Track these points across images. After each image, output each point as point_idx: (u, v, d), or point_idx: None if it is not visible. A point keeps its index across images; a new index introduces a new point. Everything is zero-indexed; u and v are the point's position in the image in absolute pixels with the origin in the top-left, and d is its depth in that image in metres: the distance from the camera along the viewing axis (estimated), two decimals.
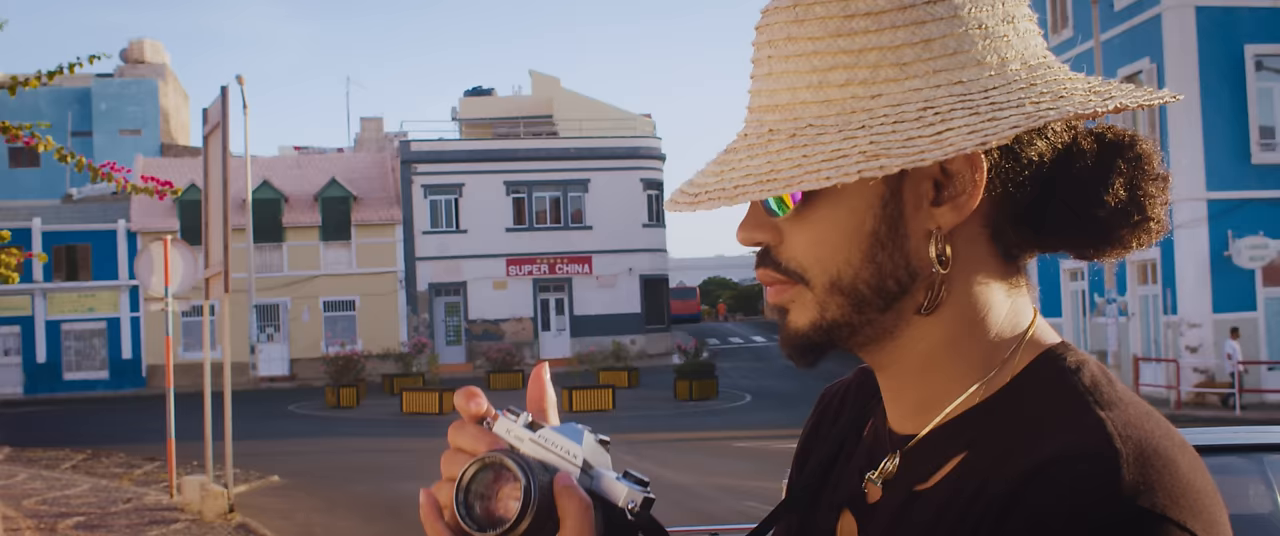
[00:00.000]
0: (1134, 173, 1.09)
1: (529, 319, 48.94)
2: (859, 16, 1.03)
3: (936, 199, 1.06)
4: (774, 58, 1.08)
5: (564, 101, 56.97)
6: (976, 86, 1.03)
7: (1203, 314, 26.29)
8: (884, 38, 1.03)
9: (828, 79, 1.04)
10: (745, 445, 20.83)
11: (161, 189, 9.06)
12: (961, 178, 1.05)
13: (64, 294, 44.69)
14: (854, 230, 1.06)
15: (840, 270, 1.07)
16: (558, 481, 1.08)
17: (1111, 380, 1.06)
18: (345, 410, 31.80)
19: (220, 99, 13.76)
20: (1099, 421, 0.99)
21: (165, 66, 60.55)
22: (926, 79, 1.03)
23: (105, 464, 20.11)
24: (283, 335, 46.58)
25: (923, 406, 1.12)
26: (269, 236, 46.08)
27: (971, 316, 1.09)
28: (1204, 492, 0.96)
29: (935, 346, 1.10)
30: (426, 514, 1.14)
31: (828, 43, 1.04)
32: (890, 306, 1.08)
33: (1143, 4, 27.55)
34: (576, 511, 1.07)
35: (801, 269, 1.09)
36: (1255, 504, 4.69)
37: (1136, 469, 0.94)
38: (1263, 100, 26.85)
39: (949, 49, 1.03)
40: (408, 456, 20.00)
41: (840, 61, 1.04)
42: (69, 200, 48.79)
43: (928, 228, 1.06)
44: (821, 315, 1.09)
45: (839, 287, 1.08)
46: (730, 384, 34.81)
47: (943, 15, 1.03)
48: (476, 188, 48.62)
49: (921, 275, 1.07)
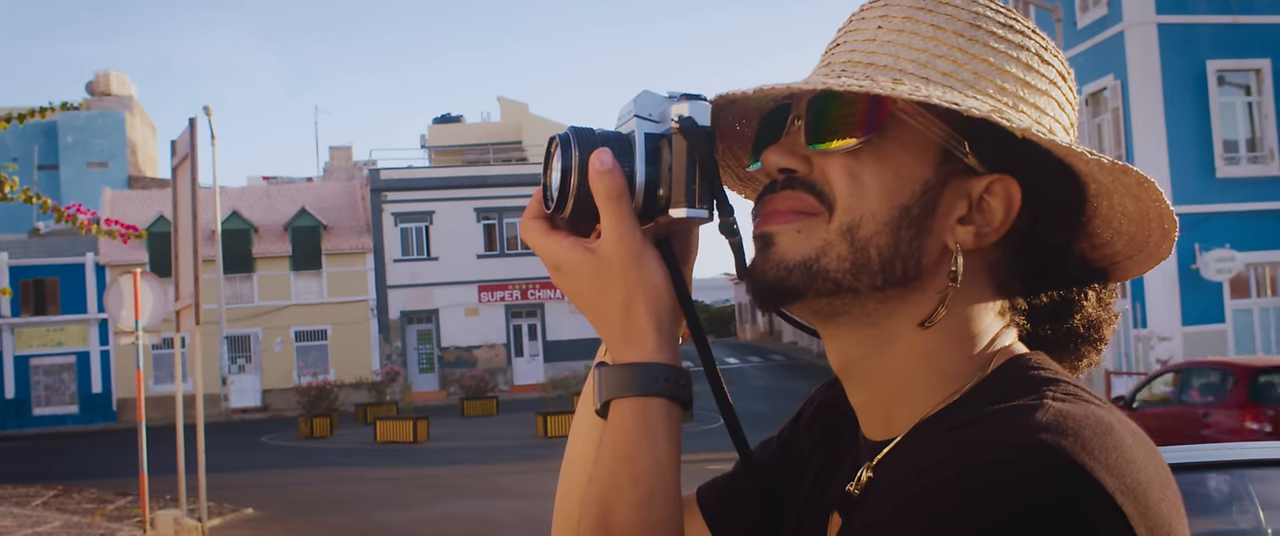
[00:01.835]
0: (1102, 298, 1.18)
1: (502, 345, 48.86)
2: (984, 30, 1.09)
3: (964, 218, 1.08)
4: (884, 29, 1.10)
5: (533, 127, 57.08)
6: (1045, 127, 1.10)
7: (1172, 327, 26.48)
8: (998, 58, 1.08)
9: (934, 63, 1.08)
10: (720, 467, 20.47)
11: (126, 232, 9.02)
12: (992, 211, 1.08)
13: (32, 328, 44.36)
14: (892, 192, 1.07)
15: (865, 217, 1.06)
16: (592, 161, 1.09)
17: (1075, 380, 1.05)
18: (319, 440, 31.62)
19: (188, 130, 13.72)
20: (1046, 402, 0.97)
21: (132, 98, 60.29)
22: (1016, 103, 1.08)
23: (77, 500, 19.90)
24: (254, 366, 46.34)
25: (892, 415, 1.11)
26: (239, 267, 45.89)
27: (959, 336, 1.10)
28: (1137, 464, 0.94)
29: (915, 358, 1.10)
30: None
31: (948, 36, 1.08)
32: (885, 288, 1.08)
33: (1105, 21, 27.83)
34: (603, 191, 1.08)
35: (832, 194, 1.08)
36: (1238, 520, 4.68)
37: (1056, 416, 0.94)
38: (1225, 115, 27.14)
39: (1041, 105, 1.10)
40: (383, 485, 19.88)
41: (951, 55, 1.08)
42: (36, 234, 48.47)
43: (946, 240, 1.08)
44: (820, 254, 1.07)
45: (854, 235, 1.06)
46: (703, 407, 34.75)
47: (1043, 79, 1.11)
48: (447, 215, 48.58)
49: (927, 277, 1.08)
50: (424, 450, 27.05)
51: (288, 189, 51.15)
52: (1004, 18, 1.10)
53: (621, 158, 1.11)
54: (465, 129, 60.15)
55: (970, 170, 1.08)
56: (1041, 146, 1.06)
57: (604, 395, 1.09)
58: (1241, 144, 27.36)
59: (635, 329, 1.09)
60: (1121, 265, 1.19)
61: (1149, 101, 26.61)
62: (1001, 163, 1.08)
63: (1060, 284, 1.14)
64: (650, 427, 1.05)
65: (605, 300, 1.11)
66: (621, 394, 1.07)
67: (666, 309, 1.10)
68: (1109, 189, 1.10)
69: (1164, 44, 26.66)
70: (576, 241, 1.12)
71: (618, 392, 1.08)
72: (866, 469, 1.13)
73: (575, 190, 1.09)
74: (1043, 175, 1.09)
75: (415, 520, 15.92)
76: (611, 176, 1.08)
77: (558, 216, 1.12)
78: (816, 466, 1.28)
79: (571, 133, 1.10)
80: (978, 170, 1.08)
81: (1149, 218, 1.12)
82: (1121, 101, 27.26)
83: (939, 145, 1.08)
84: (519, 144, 56.49)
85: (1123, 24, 27.11)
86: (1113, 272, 1.19)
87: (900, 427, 1.10)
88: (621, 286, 1.09)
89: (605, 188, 1.08)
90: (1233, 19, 26.99)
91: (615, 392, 1.08)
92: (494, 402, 38.23)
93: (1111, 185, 1.10)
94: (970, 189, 1.08)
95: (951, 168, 1.08)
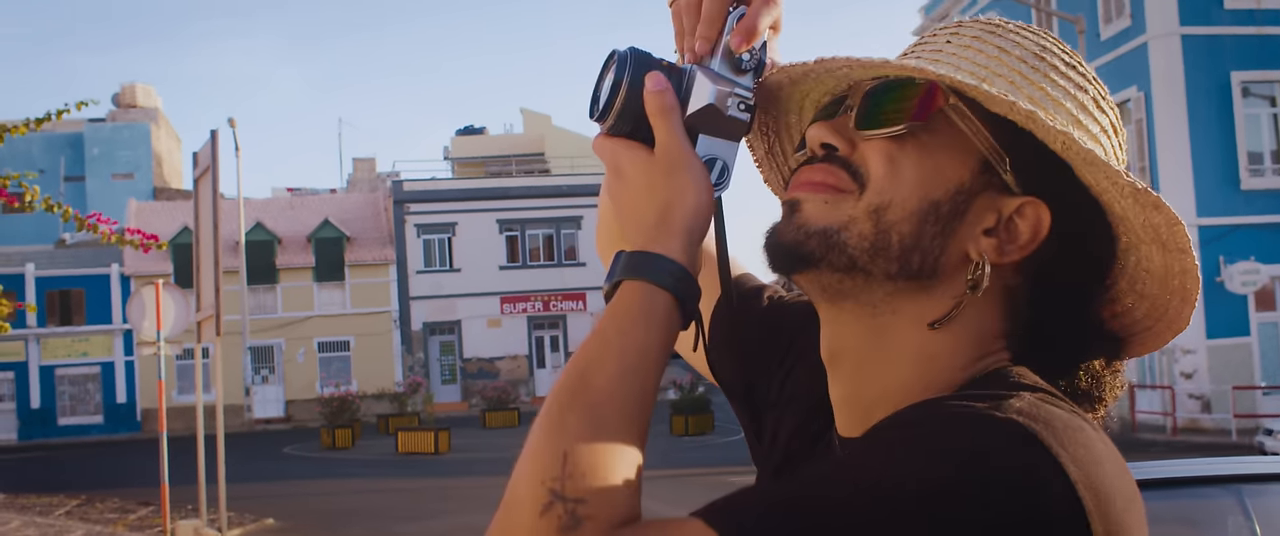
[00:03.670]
0: (1113, 364, 1.19)
1: (524, 356, 48.90)
2: (1048, 63, 1.12)
3: (990, 231, 1.10)
4: (952, 44, 1.14)
5: (556, 139, 57.12)
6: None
7: (1197, 340, 26.32)
8: (1057, 92, 1.11)
9: (993, 79, 1.10)
10: (742, 479, 20.69)
11: (147, 242, 9.07)
12: (1018, 231, 1.10)
13: (57, 339, 44.64)
14: (926, 185, 1.09)
15: (893, 203, 1.09)
16: (646, 81, 1.13)
17: (1054, 393, 1.05)
18: (340, 451, 31.70)
19: (210, 142, 13.79)
20: (1012, 396, 0.99)
21: (157, 110, 60.65)
22: (1071, 128, 1.09)
23: (99, 509, 20.02)
24: (277, 376, 46.51)
25: (869, 412, 1.12)
26: (263, 278, 46.08)
27: (961, 345, 1.11)
28: (1104, 469, 0.95)
29: (913, 359, 1.11)
30: None
31: (1012, 61, 1.11)
32: (894, 280, 1.10)
33: (1129, 33, 27.74)
34: (656, 106, 1.13)
35: (867, 174, 1.10)
36: (1234, 534, 4.70)
37: (1032, 405, 0.97)
38: (1250, 126, 27.01)
39: (1091, 132, 1.12)
40: (404, 497, 19.92)
41: (1011, 76, 1.11)
42: (62, 245, 48.81)
43: (968, 248, 1.10)
44: (843, 226, 1.09)
45: (880, 216, 1.09)
46: (726, 418, 34.73)
47: (1100, 123, 1.14)
48: (469, 226, 48.70)
49: (942, 278, 1.10)
50: (445, 461, 27.08)
51: (311, 200, 51.38)
52: (1069, 58, 1.13)
53: (673, 80, 1.16)
54: (488, 140, 60.27)
55: (1006, 188, 1.10)
56: (1079, 182, 1.09)
57: (618, 275, 1.11)
58: (1266, 156, 27.22)
59: (667, 228, 1.11)
60: (1139, 336, 1.19)
61: (1173, 113, 26.50)
62: (1037, 187, 1.09)
63: (1071, 342, 1.15)
64: (650, 314, 1.06)
65: (648, 200, 1.14)
66: (635, 276, 1.09)
67: (700, 220, 1.13)
68: (1137, 242, 1.12)
69: (1188, 55, 26.56)
70: (639, 145, 1.16)
71: (630, 274, 1.09)
72: None
73: (620, 104, 1.15)
74: (1076, 212, 1.10)
75: (435, 532, 15.95)
76: (665, 95, 1.13)
77: (601, 123, 1.19)
78: (796, 406, 1.32)
79: (630, 52, 1.15)
80: (1013, 189, 1.10)
81: (1171, 276, 1.12)
82: (1145, 113, 27.15)
83: (980, 154, 1.09)
84: (541, 155, 56.58)
85: (1146, 35, 27.01)
86: (1128, 345, 1.19)
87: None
88: (665, 189, 1.12)
89: (659, 103, 1.13)
90: (1257, 30, 26.87)
91: (628, 274, 1.10)
92: (516, 414, 38.23)
93: (1141, 234, 1.10)
94: (1001, 205, 1.10)
95: (988, 179, 1.10)
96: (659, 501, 18.02)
